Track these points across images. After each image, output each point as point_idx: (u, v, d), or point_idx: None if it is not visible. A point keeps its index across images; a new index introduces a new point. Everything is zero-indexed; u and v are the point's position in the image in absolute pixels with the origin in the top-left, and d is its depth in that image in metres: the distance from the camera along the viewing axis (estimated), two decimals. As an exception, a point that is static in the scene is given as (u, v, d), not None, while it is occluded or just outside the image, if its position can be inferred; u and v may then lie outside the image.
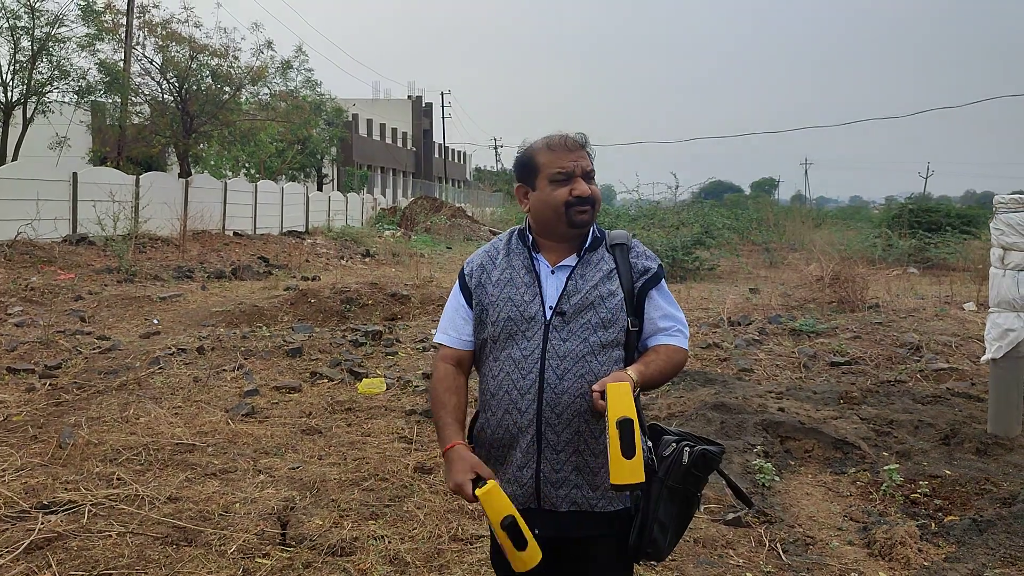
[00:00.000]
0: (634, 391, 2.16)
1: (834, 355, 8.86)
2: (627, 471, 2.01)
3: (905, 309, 11.80)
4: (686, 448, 2.25)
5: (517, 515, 2.11)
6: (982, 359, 6.48)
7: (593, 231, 2.42)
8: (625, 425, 2.02)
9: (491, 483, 2.14)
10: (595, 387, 2.16)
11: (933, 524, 4.65)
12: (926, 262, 21.27)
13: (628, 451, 2.01)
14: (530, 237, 2.43)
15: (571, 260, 2.38)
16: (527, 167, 2.41)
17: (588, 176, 2.36)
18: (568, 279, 2.35)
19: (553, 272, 2.38)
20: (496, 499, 2.11)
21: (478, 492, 2.12)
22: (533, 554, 2.13)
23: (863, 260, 18.50)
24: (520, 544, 2.10)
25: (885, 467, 5.33)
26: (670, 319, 2.39)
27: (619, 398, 2.06)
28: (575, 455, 2.29)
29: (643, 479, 2.04)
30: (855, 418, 6.55)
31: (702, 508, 4.81)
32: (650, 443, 2.34)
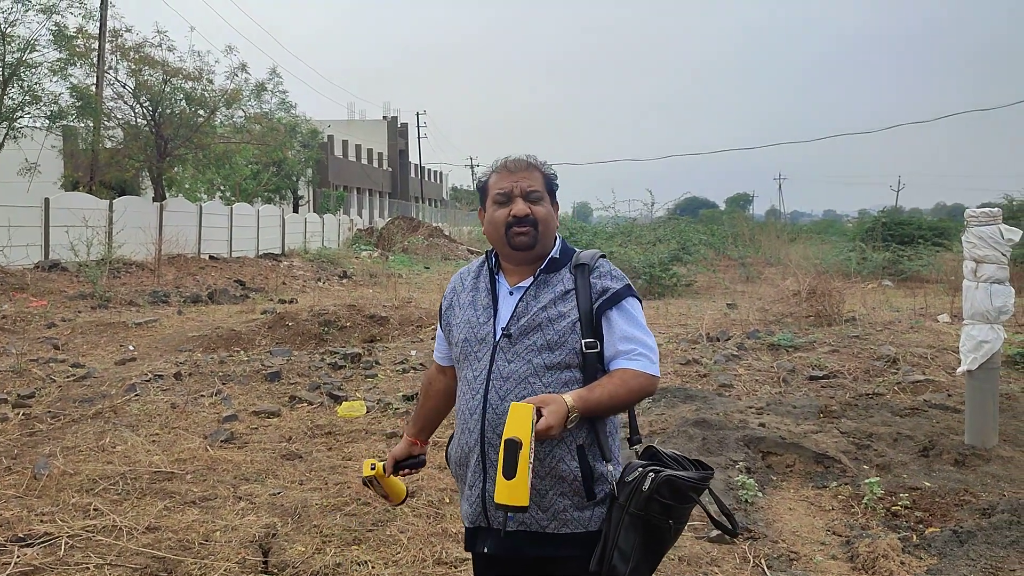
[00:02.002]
0: (569, 415, 2.12)
1: (813, 369, 8.92)
2: (506, 492, 2.00)
3: (881, 322, 11.91)
4: (650, 473, 2.19)
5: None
6: (958, 371, 6.55)
7: (556, 251, 2.40)
8: (510, 445, 2.00)
9: (375, 463, 2.72)
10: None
11: (914, 536, 4.67)
12: (900, 275, 21.51)
13: (508, 472, 1.99)
14: (494, 259, 2.46)
15: (528, 281, 2.38)
16: (481, 191, 2.46)
17: (530, 196, 2.35)
18: (519, 300, 2.35)
19: (511, 293, 2.39)
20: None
21: (366, 464, 2.73)
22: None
23: (838, 274, 18.67)
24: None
25: (866, 480, 5.36)
26: (631, 341, 2.29)
27: (515, 418, 2.04)
28: None
29: (525, 503, 1.99)
30: (835, 432, 6.58)
31: (686, 526, 4.81)
32: (616, 468, 2.30)
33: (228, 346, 10.61)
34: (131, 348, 10.55)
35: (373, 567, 4.22)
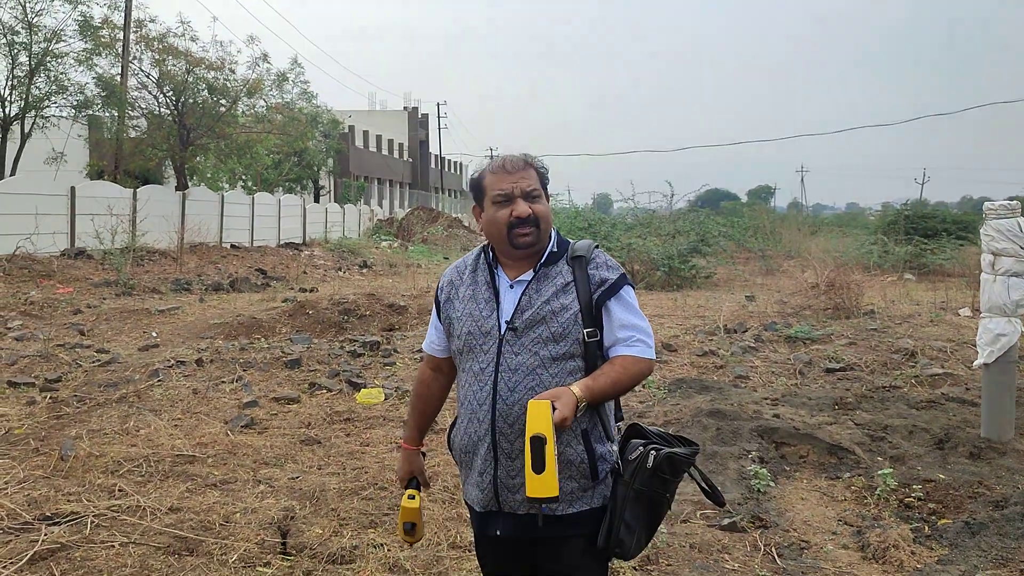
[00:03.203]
0: (579, 405, 2.24)
1: (829, 361, 8.92)
2: (538, 485, 2.13)
3: (900, 315, 11.85)
4: (652, 452, 2.32)
5: (418, 522, 2.70)
6: (974, 364, 6.55)
7: (552, 244, 2.48)
8: (536, 442, 2.12)
9: (414, 494, 2.73)
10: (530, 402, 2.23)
11: (926, 527, 4.70)
12: (922, 268, 21.33)
13: (537, 467, 2.12)
14: (491, 253, 2.53)
15: (528, 275, 2.45)
16: (477, 189, 2.52)
17: (530, 196, 2.41)
18: (522, 294, 2.42)
19: (512, 287, 2.46)
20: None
21: (405, 496, 2.72)
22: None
23: (859, 267, 18.58)
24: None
25: (879, 472, 5.38)
26: (629, 329, 2.40)
27: (536, 415, 2.15)
28: None
29: (555, 493, 2.13)
30: (850, 423, 6.60)
31: (698, 514, 4.87)
32: (615, 447, 2.44)
33: (249, 333, 10.74)
34: (154, 335, 10.72)
35: (389, 550, 4.30)
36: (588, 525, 2.38)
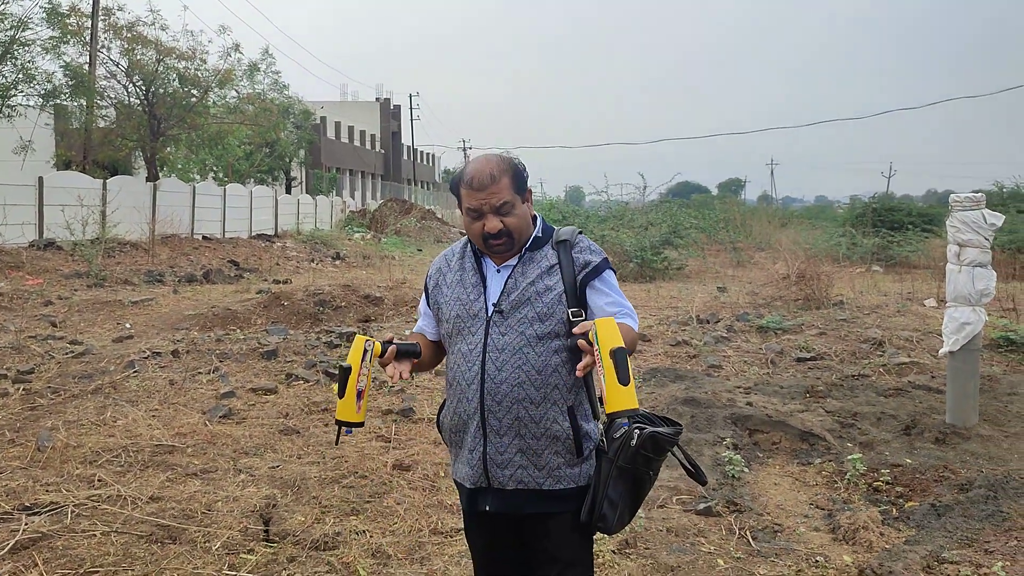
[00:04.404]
0: None
1: (800, 351, 9.08)
2: (624, 398, 2.12)
3: (869, 306, 12.07)
4: (636, 430, 2.39)
5: (354, 369, 2.38)
6: (940, 352, 6.71)
7: (537, 230, 2.56)
8: (619, 353, 2.13)
9: (368, 339, 2.42)
10: (576, 330, 2.25)
11: (894, 510, 4.85)
12: (889, 260, 21.69)
13: (624, 378, 2.12)
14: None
15: (514, 260, 2.54)
16: (455, 193, 2.57)
17: (500, 209, 2.45)
18: (508, 277, 2.51)
19: (499, 271, 2.55)
20: (355, 347, 2.35)
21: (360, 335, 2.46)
22: (344, 409, 2.37)
23: (828, 258, 18.84)
24: (341, 392, 2.34)
25: (849, 457, 5.53)
26: (617, 305, 2.49)
27: (608, 331, 2.18)
28: (517, 438, 2.45)
29: (636, 405, 2.15)
30: (820, 411, 6.75)
31: (674, 499, 4.97)
32: (600, 425, 2.51)
33: (224, 325, 10.71)
34: (128, 326, 10.64)
35: (371, 536, 4.36)
36: (574, 503, 2.46)
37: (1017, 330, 9.40)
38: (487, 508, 2.53)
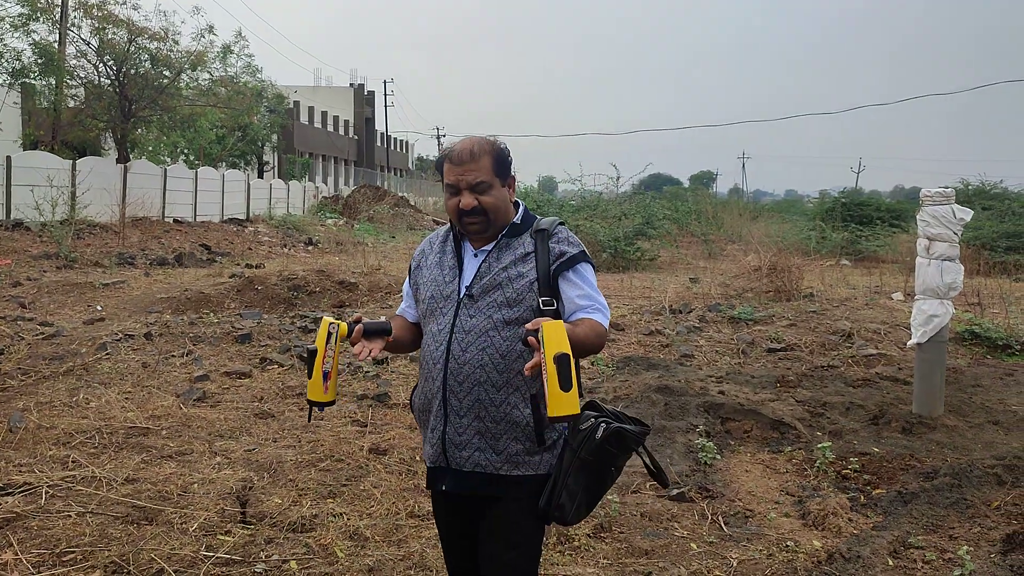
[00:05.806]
0: None
1: (771, 342, 9.21)
2: (565, 403, 2.12)
3: (838, 299, 12.25)
4: (602, 424, 2.41)
5: (320, 350, 2.41)
6: (908, 344, 6.85)
7: (517, 217, 2.59)
8: (562, 359, 2.13)
9: (332, 321, 2.43)
10: (528, 326, 2.23)
11: (862, 497, 4.96)
12: (858, 254, 22.00)
13: (565, 384, 2.12)
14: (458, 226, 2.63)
15: (490, 246, 2.57)
16: (439, 169, 2.59)
17: (476, 187, 2.48)
18: (483, 262, 2.54)
19: (476, 255, 2.58)
20: (321, 330, 2.42)
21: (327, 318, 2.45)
22: (314, 389, 2.43)
23: (798, 252, 19.05)
24: (309, 373, 2.42)
25: (818, 445, 5.63)
26: (588, 299, 2.49)
27: (554, 334, 2.16)
28: (476, 420, 2.47)
29: (579, 411, 2.16)
30: (791, 400, 6.87)
31: (648, 485, 5.04)
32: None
33: (197, 308, 10.64)
34: (99, 308, 10.54)
35: (348, 519, 4.39)
36: (532, 490, 2.47)
37: (982, 324, 9.60)
38: (443, 488, 2.56)
